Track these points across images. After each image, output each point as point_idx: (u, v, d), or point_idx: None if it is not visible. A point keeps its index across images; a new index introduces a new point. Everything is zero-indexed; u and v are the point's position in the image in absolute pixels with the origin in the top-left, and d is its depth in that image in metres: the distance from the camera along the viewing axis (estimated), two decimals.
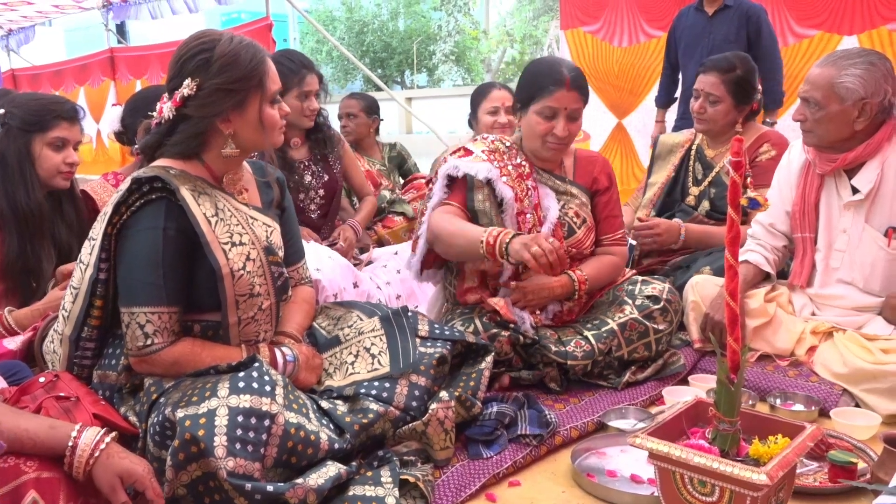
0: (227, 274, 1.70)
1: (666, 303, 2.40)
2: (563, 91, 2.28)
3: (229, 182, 1.83)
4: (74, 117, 2.32)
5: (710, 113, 2.92)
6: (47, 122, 2.25)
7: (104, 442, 1.39)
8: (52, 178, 2.28)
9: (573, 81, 2.29)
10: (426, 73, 22.08)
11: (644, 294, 2.41)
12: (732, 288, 1.40)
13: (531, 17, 19.79)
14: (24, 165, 2.22)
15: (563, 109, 2.30)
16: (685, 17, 4.21)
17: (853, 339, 2.25)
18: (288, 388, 1.64)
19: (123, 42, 11.15)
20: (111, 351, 1.78)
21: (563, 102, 2.29)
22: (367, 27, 21.31)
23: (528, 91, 2.35)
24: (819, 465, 1.77)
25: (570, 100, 2.30)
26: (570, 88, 2.28)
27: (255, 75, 1.73)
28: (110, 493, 1.38)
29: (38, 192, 2.24)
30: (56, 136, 2.26)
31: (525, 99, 2.36)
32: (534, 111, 2.33)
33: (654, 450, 1.41)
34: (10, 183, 2.21)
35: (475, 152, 2.37)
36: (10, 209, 2.20)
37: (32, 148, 2.24)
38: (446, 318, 2.37)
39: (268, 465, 1.50)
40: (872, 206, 2.29)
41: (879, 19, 4.14)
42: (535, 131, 2.34)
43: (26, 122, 2.23)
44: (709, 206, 3.00)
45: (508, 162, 2.38)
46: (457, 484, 1.73)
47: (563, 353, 2.25)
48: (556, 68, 2.32)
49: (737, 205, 1.37)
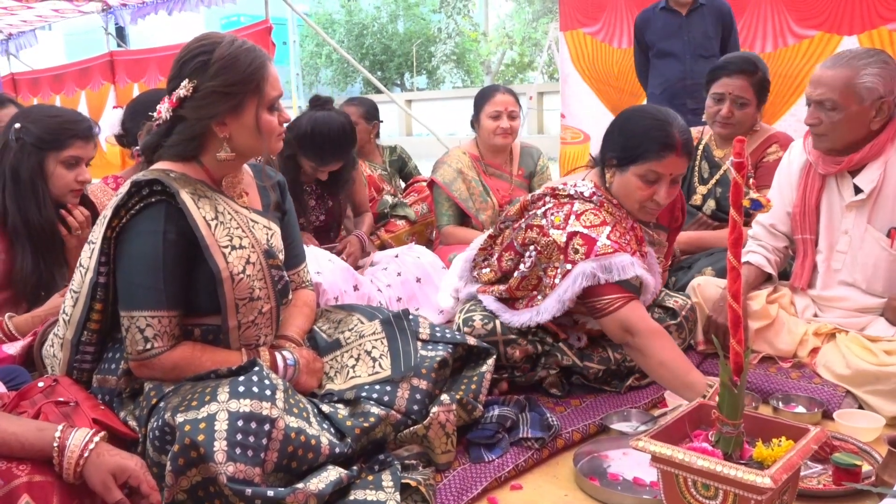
0: (227, 277, 1.69)
1: (683, 319, 2.43)
2: (674, 157, 2.04)
3: (229, 185, 1.82)
4: (89, 135, 2.31)
5: (739, 116, 2.87)
6: (63, 140, 2.24)
7: (93, 442, 1.37)
8: (63, 195, 2.28)
9: (685, 146, 2.05)
10: (426, 75, 22.10)
11: (664, 304, 2.42)
12: (735, 290, 1.39)
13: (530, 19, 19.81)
14: (36, 182, 2.21)
15: (669, 175, 2.08)
16: (653, 20, 4.16)
17: (856, 341, 2.24)
18: (288, 392, 1.63)
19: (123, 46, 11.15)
20: (111, 355, 1.77)
21: (671, 168, 2.06)
22: (366, 30, 21.33)
23: (632, 151, 2.08)
24: (823, 468, 1.77)
25: (678, 165, 2.07)
26: (681, 154, 2.05)
27: (252, 80, 1.71)
28: (104, 491, 1.35)
29: (49, 209, 2.23)
30: (70, 155, 2.25)
31: (625, 157, 2.10)
32: (635, 173, 2.08)
33: (657, 453, 1.40)
34: (23, 199, 2.20)
35: (601, 240, 2.06)
36: (24, 225, 2.20)
37: (46, 165, 2.23)
38: (466, 311, 2.30)
39: (268, 469, 1.50)
40: (875, 207, 2.28)
41: (879, 19, 4.13)
42: (633, 195, 2.10)
43: (42, 139, 2.22)
44: (714, 206, 2.99)
45: (628, 232, 2.14)
46: (458, 487, 1.72)
47: (580, 354, 2.25)
48: (668, 130, 2.04)
49: (739, 206, 1.36)
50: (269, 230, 1.85)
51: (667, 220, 2.42)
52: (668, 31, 4.11)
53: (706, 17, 4.00)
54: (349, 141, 2.93)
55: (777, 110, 4.46)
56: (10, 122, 2.26)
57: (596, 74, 5.60)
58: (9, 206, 2.19)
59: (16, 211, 2.19)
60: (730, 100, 2.86)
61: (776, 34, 4.48)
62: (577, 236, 2.07)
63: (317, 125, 2.83)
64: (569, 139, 5.98)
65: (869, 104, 2.20)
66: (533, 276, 2.20)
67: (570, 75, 5.80)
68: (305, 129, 2.82)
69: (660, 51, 4.12)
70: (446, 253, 3.17)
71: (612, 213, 2.15)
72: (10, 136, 2.22)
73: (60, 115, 2.33)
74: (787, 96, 4.45)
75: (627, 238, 2.12)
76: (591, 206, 2.14)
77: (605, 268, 2.02)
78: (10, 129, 2.23)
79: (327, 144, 2.86)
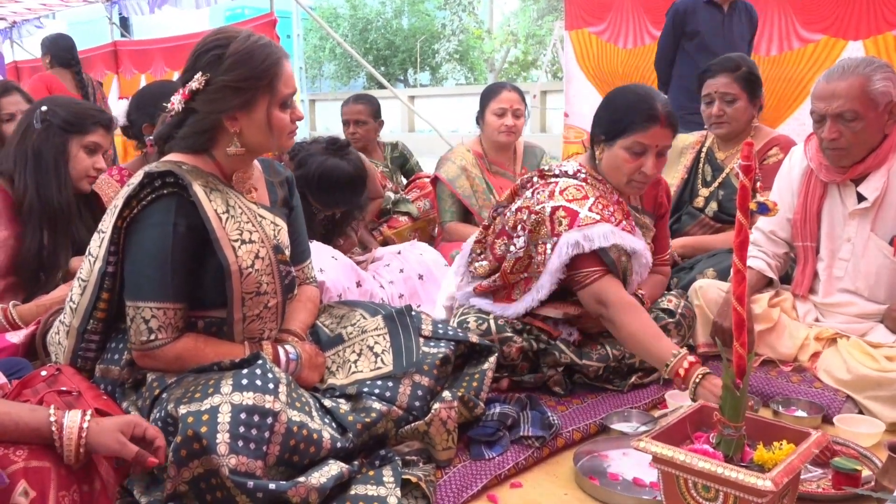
0: (236, 271, 1.69)
1: (681, 317, 2.46)
2: (658, 128, 2.14)
3: (239, 180, 1.82)
4: (110, 126, 2.42)
5: (731, 113, 2.89)
6: (87, 125, 2.33)
7: (87, 414, 1.39)
8: (80, 180, 2.34)
9: (668, 118, 2.16)
10: (429, 71, 22.06)
11: (659, 307, 2.44)
12: (739, 292, 1.40)
13: (535, 17, 19.77)
14: (59, 162, 2.29)
15: (655, 146, 2.17)
16: (698, 11, 4.09)
17: (857, 346, 2.24)
18: (291, 386, 1.64)
19: (127, 36, 11.13)
20: (114, 346, 1.77)
21: (655, 140, 2.16)
22: (370, 25, 21.28)
23: (618, 125, 2.18)
24: (824, 472, 1.77)
25: (663, 137, 2.17)
26: (665, 126, 2.15)
27: (265, 76, 1.70)
28: (121, 448, 1.38)
29: (69, 190, 2.30)
30: (92, 141, 2.34)
31: (612, 132, 2.20)
32: (622, 146, 2.18)
33: (658, 454, 1.40)
34: (44, 178, 2.26)
35: (583, 212, 2.14)
36: (40, 203, 2.24)
37: (69, 147, 2.31)
38: (461, 315, 2.33)
39: (270, 463, 1.50)
40: (878, 215, 2.28)
41: (885, 25, 4.13)
42: (620, 168, 2.20)
43: (68, 122, 2.30)
44: (717, 208, 2.99)
45: (612, 205, 2.23)
46: (458, 484, 1.73)
47: (579, 352, 2.26)
48: (650, 102, 2.16)
49: (746, 209, 1.36)
50: (276, 226, 1.85)
51: (651, 205, 2.46)
52: (711, 25, 4.04)
53: (742, 18, 4.00)
54: (357, 191, 2.83)
55: (781, 114, 4.47)
56: (36, 106, 2.34)
57: (600, 74, 5.60)
58: (28, 184, 2.25)
59: (35, 189, 2.24)
60: (717, 98, 2.89)
61: (782, 38, 4.48)
62: (560, 209, 2.16)
63: (325, 173, 2.71)
64: (572, 138, 5.98)
65: (882, 108, 2.19)
66: (525, 256, 2.24)
67: (574, 74, 5.80)
68: (313, 174, 2.70)
69: (701, 43, 4.06)
70: (448, 249, 3.17)
71: (596, 187, 2.25)
72: (34, 118, 2.29)
73: (84, 104, 2.51)
74: (791, 100, 4.46)
75: (611, 210, 2.20)
76: (574, 182, 2.24)
77: (588, 237, 2.11)
78: (34, 112, 2.30)
79: (335, 192, 2.77)
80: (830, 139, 2.22)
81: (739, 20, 4.01)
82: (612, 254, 2.16)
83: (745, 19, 4.00)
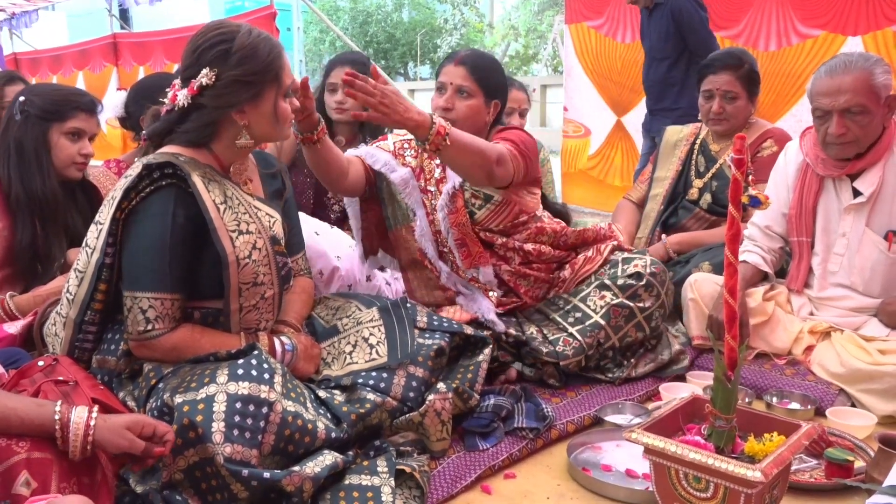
0: (233, 262, 1.70)
1: (650, 277, 2.34)
2: (451, 66, 2.35)
3: (236, 172, 1.83)
4: (92, 109, 2.35)
5: (731, 110, 2.89)
6: (66, 111, 2.28)
7: (94, 411, 1.39)
8: (66, 167, 2.30)
9: (465, 58, 2.35)
10: (430, 65, 22.01)
11: (626, 273, 2.35)
12: (732, 285, 1.41)
13: (536, 11, 19.71)
14: (40, 153, 2.26)
15: (450, 84, 2.33)
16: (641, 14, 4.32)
17: (851, 340, 2.25)
18: (286, 376, 1.65)
19: (127, 28, 11.12)
20: (111, 336, 1.78)
21: (448, 77, 2.34)
22: (371, 17, 21.22)
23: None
24: (818, 462, 1.78)
25: (454, 75, 2.34)
26: (458, 64, 2.34)
27: (272, 69, 1.73)
28: (129, 445, 1.38)
29: (53, 180, 2.27)
30: (73, 127, 2.29)
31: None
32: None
33: (649, 445, 1.42)
34: (27, 170, 2.24)
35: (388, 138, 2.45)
36: (26, 195, 2.23)
37: (49, 136, 2.27)
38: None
39: (265, 452, 1.51)
40: (873, 210, 2.29)
41: (884, 20, 4.12)
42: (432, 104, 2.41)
43: (45, 110, 2.26)
44: (710, 199, 3.00)
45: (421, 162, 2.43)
46: (452, 475, 1.74)
47: (555, 353, 2.26)
48: (455, 52, 2.46)
49: (738, 202, 1.37)
50: (271, 217, 1.86)
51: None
52: (643, 26, 4.25)
53: (662, 19, 4.07)
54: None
55: (778, 109, 4.46)
56: (15, 97, 2.31)
57: (598, 68, 5.60)
58: (13, 177, 2.23)
59: (19, 182, 2.23)
60: (718, 95, 2.88)
61: (780, 33, 4.47)
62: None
63: None
64: (570, 133, 5.99)
65: (883, 101, 2.20)
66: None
67: (573, 69, 5.80)
68: None
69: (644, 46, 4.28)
70: None
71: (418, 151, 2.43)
72: (14, 109, 2.26)
73: (64, 89, 2.42)
74: (788, 96, 4.45)
75: (413, 153, 2.42)
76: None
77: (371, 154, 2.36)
78: (14, 103, 2.27)
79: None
80: (838, 134, 2.20)
81: (658, 21, 4.09)
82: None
83: (665, 19, 4.04)
